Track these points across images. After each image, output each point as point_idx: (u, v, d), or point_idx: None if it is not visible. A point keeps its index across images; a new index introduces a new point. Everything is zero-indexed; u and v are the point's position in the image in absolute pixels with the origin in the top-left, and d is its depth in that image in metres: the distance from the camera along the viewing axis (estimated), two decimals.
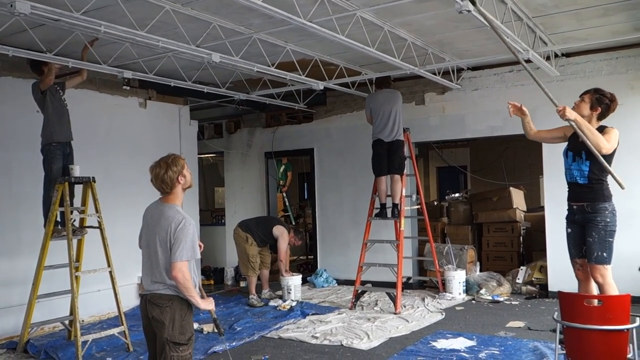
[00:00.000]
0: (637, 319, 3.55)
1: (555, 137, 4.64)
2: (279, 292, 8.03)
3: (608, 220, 4.24)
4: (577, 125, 4.19)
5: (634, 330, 3.54)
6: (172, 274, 3.29)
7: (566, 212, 4.53)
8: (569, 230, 4.48)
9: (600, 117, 4.40)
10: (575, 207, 4.41)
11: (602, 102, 4.36)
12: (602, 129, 4.33)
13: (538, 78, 4.46)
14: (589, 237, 4.27)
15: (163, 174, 3.40)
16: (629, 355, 3.54)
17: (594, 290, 4.39)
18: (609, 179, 4.31)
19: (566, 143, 4.57)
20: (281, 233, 7.93)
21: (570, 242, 4.47)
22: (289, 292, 7.80)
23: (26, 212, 6.37)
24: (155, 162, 3.49)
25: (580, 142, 4.40)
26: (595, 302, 3.67)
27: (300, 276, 8.13)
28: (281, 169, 11.42)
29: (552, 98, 4.26)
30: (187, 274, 3.32)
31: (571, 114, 4.17)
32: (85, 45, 5.75)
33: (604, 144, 4.15)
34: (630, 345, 3.55)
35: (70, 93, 6.56)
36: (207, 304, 3.50)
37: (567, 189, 4.50)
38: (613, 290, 4.22)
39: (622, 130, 6.92)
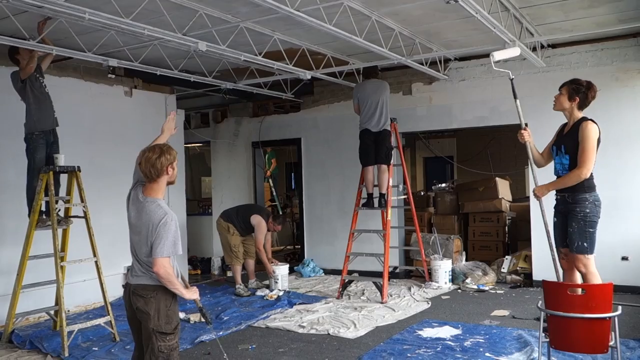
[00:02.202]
0: (619, 307, 3.60)
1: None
2: (266, 282, 8.05)
3: (588, 210, 4.29)
4: (556, 187, 4.44)
5: (616, 318, 3.59)
6: (154, 269, 3.25)
7: (551, 203, 4.59)
8: (555, 219, 4.55)
9: (582, 106, 4.43)
10: (558, 197, 4.48)
11: (579, 92, 4.40)
12: (581, 122, 4.35)
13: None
14: (570, 227, 4.33)
15: (155, 159, 3.33)
16: (611, 343, 3.59)
17: (578, 279, 4.45)
18: (594, 170, 4.36)
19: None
20: (258, 223, 7.83)
21: (556, 231, 4.53)
22: (276, 282, 7.81)
23: (10, 201, 6.30)
24: (147, 146, 3.44)
25: (562, 137, 4.47)
26: (580, 290, 3.72)
27: (287, 266, 8.12)
28: (266, 158, 11.43)
29: (536, 177, 4.61)
30: (169, 268, 3.28)
31: (543, 193, 4.44)
32: (38, 25, 5.57)
33: (580, 174, 4.24)
34: (613, 332, 3.60)
35: (54, 81, 6.49)
36: (192, 294, 3.47)
37: None
38: (596, 279, 4.27)
39: (607, 122, 7.03)
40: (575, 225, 4.30)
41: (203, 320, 6.10)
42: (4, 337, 5.63)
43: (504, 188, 9.28)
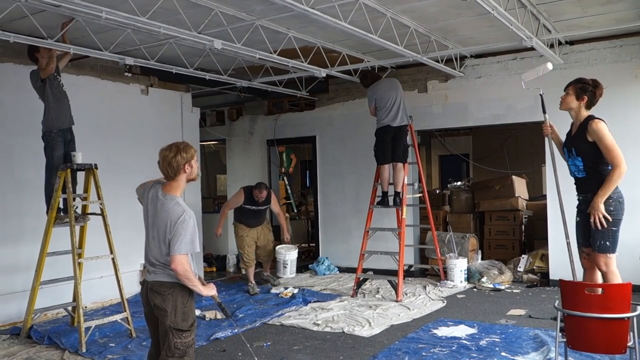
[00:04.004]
0: (638, 307, 3.55)
1: None
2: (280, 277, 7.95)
3: (612, 209, 4.24)
4: (606, 194, 4.19)
5: (635, 319, 3.54)
6: (172, 266, 3.28)
7: (565, 200, 4.56)
8: (578, 219, 4.50)
9: (589, 105, 4.38)
10: (581, 197, 4.43)
11: (586, 90, 4.35)
12: (589, 121, 4.30)
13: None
14: (594, 226, 4.27)
15: (171, 158, 3.38)
16: (630, 344, 3.54)
17: (599, 279, 4.40)
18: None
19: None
20: (237, 192, 7.79)
21: (579, 230, 4.49)
22: (285, 267, 7.62)
23: (29, 198, 6.38)
24: (166, 145, 3.48)
25: (571, 138, 4.43)
26: (600, 290, 3.67)
27: (297, 250, 7.87)
28: (284, 157, 11.45)
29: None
30: (187, 265, 3.30)
31: (600, 208, 4.19)
32: (62, 25, 5.62)
33: (620, 171, 4.12)
34: (631, 333, 3.56)
35: (71, 80, 6.56)
36: (209, 290, 3.50)
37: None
38: (616, 279, 4.23)
39: (626, 119, 6.96)
40: None
41: (221, 316, 6.17)
42: (23, 332, 5.71)
43: (520, 186, 9.21)
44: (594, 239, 4.27)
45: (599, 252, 4.25)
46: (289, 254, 7.68)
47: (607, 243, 4.22)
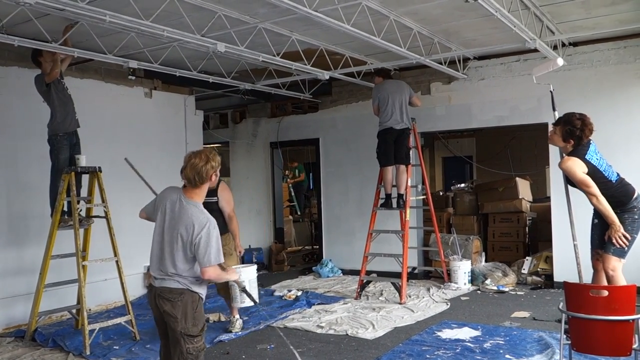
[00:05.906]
0: None
1: None
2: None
3: (636, 217, 4.27)
4: (610, 216, 4.20)
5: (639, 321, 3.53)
6: (204, 277, 3.35)
7: (572, 202, 4.54)
8: (596, 220, 4.49)
9: (577, 145, 4.35)
10: None
11: (573, 135, 4.32)
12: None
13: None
14: (618, 245, 4.25)
15: (201, 166, 3.39)
16: (635, 346, 3.53)
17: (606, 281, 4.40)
18: (625, 173, 4.31)
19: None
20: None
21: (596, 232, 4.48)
22: (241, 293, 5.08)
23: (33, 201, 6.39)
24: (193, 152, 3.49)
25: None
26: (605, 292, 3.66)
27: (255, 267, 5.58)
28: (295, 172, 11.52)
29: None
30: (217, 270, 3.38)
31: (618, 231, 4.19)
32: (66, 28, 5.63)
33: (596, 201, 4.17)
34: (636, 335, 3.55)
35: (75, 83, 6.58)
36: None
37: None
38: (623, 283, 4.22)
39: (629, 120, 6.94)
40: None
41: (225, 318, 6.16)
42: (27, 335, 5.72)
43: (524, 188, 9.19)
44: (610, 242, 4.25)
45: (613, 255, 4.24)
46: (245, 273, 5.24)
47: (625, 248, 4.22)
